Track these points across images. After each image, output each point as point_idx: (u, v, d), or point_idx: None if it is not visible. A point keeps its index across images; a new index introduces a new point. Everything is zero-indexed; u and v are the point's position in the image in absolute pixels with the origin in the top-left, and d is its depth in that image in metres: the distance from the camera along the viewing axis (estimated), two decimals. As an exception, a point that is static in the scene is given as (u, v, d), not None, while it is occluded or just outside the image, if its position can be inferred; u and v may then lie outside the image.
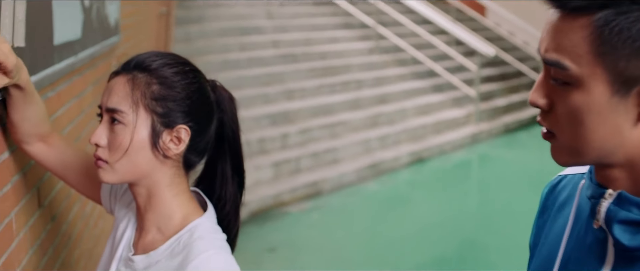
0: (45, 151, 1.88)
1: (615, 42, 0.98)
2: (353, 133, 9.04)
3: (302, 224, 6.91)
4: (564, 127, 1.06)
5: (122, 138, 1.63)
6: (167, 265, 1.65)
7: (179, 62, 1.70)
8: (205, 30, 9.92)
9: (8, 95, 1.70)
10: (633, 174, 1.06)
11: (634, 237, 1.04)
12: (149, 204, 1.72)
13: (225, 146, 1.79)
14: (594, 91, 1.01)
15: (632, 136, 1.03)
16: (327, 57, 10.70)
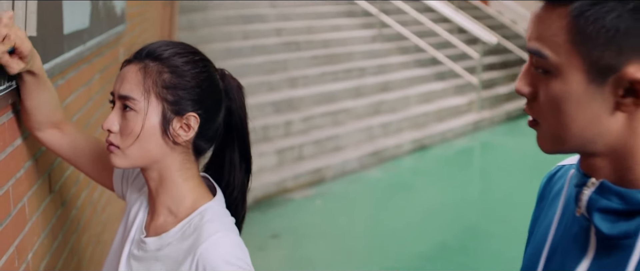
0: (57, 137, 1.93)
1: (590, 31, 1.01)
2: (356, 121, 9.08)
3: (305, 211, 6.97)
4: (547, 115, 1.09)
5: (133, 124, 1.68)
6: (178, 246, 1.70)
7: (189, 51, 1.75)
8: (208, 19, 9.96)
9: (22, 82, 1.75)
10: (615, 164, 1.08)
11: (613, 225, 1.06)
12: (160, 188, 1.77)
13: (233, 134, 1.84)
14: (571, 80, 1.04)
15: (610, 124, 1.05)
16: (330, 45, 10.73)
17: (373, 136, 8.96)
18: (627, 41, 1.00)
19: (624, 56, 1.01)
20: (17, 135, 1.84)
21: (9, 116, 1.77)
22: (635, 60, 1.00)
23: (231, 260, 1.64)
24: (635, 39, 1.00)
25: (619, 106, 1.04)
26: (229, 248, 1.66)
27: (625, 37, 1.00)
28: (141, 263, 1.77)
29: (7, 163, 1.73)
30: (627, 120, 1.04)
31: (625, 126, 1.05)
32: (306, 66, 9.92)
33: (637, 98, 1.02)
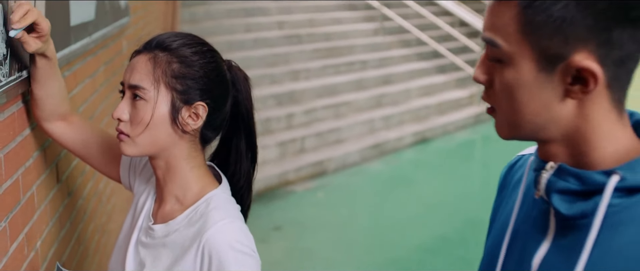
0: (65, 129, 1.96)
1: (538, 21, 1.05)
2: (357, 113, 9.11)
3: (307, 203, 7.01)
4: (502, 103, 1.13)
5: (143, 113, 1.71)
6: (185, 232, 1.74)
7: (198, 42, 1.79)
8: (210, 12, 9.98)
9: (35, 67, 1.78)
10: (570, 149, 1.11)
11: (571, 206, 1.09)
12: (168, 176, 1.80)
13: (240, 124, 1.88)
14: (522, 68, 1.08)
15: (562, 111, 1.08)
16: (331, 38, 10.76)
17: (374, 129, 8.99)
18: (573, 30, 1.03)
19: (571, 44, 1.04)
20: (26, 125, 1.87)
21: (18, 106, 1.80)
22: (582, 48, 1.04)
23: (236, 245, 1.68)
24: (580, 28, 1.03)
25: (568, 93, 1.07)
26: (234, 234, 1.69)
27: (571, 26, 1.03)
28: (149, 250, 1.80)
29: (17, 151, 1.76)
30: (578, 106, 1.08)
31: (576, 112, 1.08)
32: (308, 58, 9.95)
33: (584, 85, 1.05)
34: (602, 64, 1.04)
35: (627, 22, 1.03)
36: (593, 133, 1.09)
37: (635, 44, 1.05)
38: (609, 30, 1.03)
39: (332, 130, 8.48)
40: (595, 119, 1.08)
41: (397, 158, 8.57)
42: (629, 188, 1.05)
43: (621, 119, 1.10)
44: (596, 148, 1.09)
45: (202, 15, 9.70)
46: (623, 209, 1.05)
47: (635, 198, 1.05)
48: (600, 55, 1.04)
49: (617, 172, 1.06)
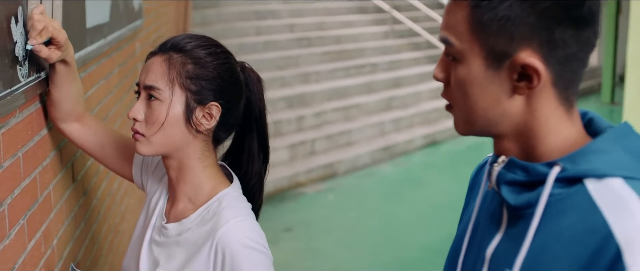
0: (80, 130, 2.00)
1: (486, 20, 1.09)
2: (367, 116, 9.14)
3: (317, 204, 7.04)
4: (457, 99, 1.18)
5: (158, 113, 1.75)
6: (198, 231, 1.78)
7: (211, 44, 1.82)
8: (222, 14, 10.03)
9: (54, 71, 1.82)
10: (520, 143, 1.16)
11: (518, 196, 1.14)
12: (180, 176, 1.84)
13: (252, 124, 1.91)
14: (473, 65, 1.13)
15: (511, 107, 1.13)
16: (342, 41, 10.79)
17: (384, 132, 9.02)
18: (517, 29, 1.08)
19: (515, 42, 1.09)
20: (43, 125, 1.91)
21: (36, 106, 1.84)
22: (526, 47, 1.09)
23: (249, 243, 1.71)
24: (524, 27, 1.08)
25: (515, 89, 1.12)
26: (246, 232, 1.73)
27: (515, 25, 1.08)
28: (162, 248, 1.84)
29: (35, 151, 1.80)
30: (526, 102, 1.12)
31: (525, 107, 1.13)
32: (318, 61, 9.99)
33: (529, 82, 1.10)
34: (546, 62, 1.09)
35: (569, 22, 1.08)
36: (540, 128, 1.14)
37: (579, 44, 1.10)
38: (551, 30, 1.08)
39: (342, 132, 8.51)
40: (542, 115, 1.13)
41: (407, 161, 8.59)
42: (569, 178, 1.10)
43: (570, 115, 1.15)
44: (544, 142, 1.14)
45: (213, 17, 9.75)
46: (563, 198, 1.10)
47: (575, 187, 1.09)
48: (544, 53, 1.09)
49: (558, 163, 1.11)
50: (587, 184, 1.09)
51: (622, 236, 1.02)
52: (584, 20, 1.09)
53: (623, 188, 1.07)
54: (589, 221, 1.06)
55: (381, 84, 10.02)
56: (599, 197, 1.07)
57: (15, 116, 1.65)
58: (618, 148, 1.12)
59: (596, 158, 1.10)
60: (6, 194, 1.57)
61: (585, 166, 1.10)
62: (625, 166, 1.10)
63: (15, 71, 1.57)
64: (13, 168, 1.62)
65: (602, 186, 1.08)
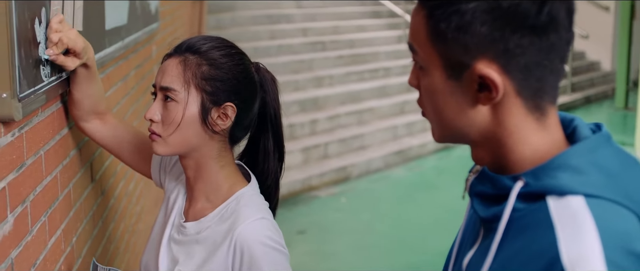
0: (101, 128, 2.04)
1: (441, 29, 1.06)
2: (380, 120, 9.16)
3: (330, 208, 7.06)
4: (426, 107, 1.15)
5: (174, 113, 1.78)
6: (216, 229, 1.81)
7: (226, 45, 1.85)
8: (236, 18, 10.08)
9: (74, 73, 1.86)
10: (490, 153, 1.12)
11: (487, 209, 1.11)
12: (198, 175, 1.87)
13: (268, 124, 1.94)
14: (434, 75, 1.10)
15: (476, 116, 1.09)
16: (355, 45, 10.81)
17: (397, 136, 9.03)
18: (471, 39, 1.04)
19: (471, 53, 1.05)
20: (64, 124, 1.95)
21: (58, 106, 1.88)
22: (481, 57, 1.04)
23: (266, 241, 1.75)
24: (476, 37, 1.03)
25: (478, 100, 1.07)
26: (264, 231, 1.76)
27: (468, 35, 1.04)
28: (181, 247, 1.87)
29: (56, 149, 1.84)
30: (492, 112, 1.08)
31: (491, 117, 1.08)
32: (332, 65, 10.01)
33: (490, 92, 1.05)
34: (506, 72, 1.05)
35: (526, 30, 1.03)
36: (509, 138, 1.09)
37: (542, 52, 1.05)
38: (505, 39, 1.03)
39: (355, 136, 8.53)
40: (510, 125, 1.08)
41: (420, 165, 8.60)
42: (531, 194, 1.06)
43: (542, 124, 1.09)
44: (513, 152, 1.10)
45: (228, 22, 9.80)
46: (525, 215, 1.05)
47: (537, 204, 1.04)
48: (502, 63, 1.04)
49: (521, 178, 1.07)
50: (549, 202, 1.03)
51: (567, 258, 0.96)
52: (543, 27, 1.03)
53: (581, 207, 1.01)
54: (540, 243, 1.01)
55: (394, 88, 10.03)
56: (557, 216, 1.01)
57: (38, 114, 1.68)
58: (585, 162, 1.06)
59: (559, 174, 1.04)
60: (29, 191, 1.61)
61: (547, 182, 1.05)
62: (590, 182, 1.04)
63: (38, 70, 1.60)
64: (35, 166, 1.66)
65: (562, 204, 1.02)
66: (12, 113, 1.42)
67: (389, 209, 7.14)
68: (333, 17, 11.43)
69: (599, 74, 13.72)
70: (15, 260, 1.50)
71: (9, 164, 1.48)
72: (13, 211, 1.50)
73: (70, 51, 1.73)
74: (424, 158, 8.82)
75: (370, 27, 11.64)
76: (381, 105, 9.41)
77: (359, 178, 7.93)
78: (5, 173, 1.45)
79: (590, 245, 0.97)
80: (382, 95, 9.76)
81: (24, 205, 1.57)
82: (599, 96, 12.97)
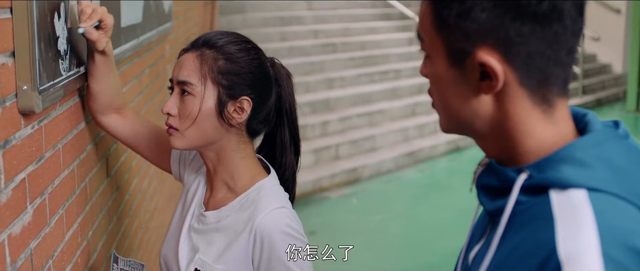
0: (119, 122, 2.06)
1: (444, 16, 1.06)
2: (391, 122, 9.17)
3: (341, 209, 7.07)
4: (433, 97, 1.15)
5: (191, 107, 1.81)
6: (237, 217, 1.84)
7: (242, 40, 1.88)
8: (247, 20, 10.11)
9: (93, 63, 1.89)
10: (497, 144, 1.11)
11: (492, 202, 1.10)
12: (219, 166, 1.90)
13: (284, 118, 1.96)
14: (437, 63, 1.10)
15: (480, 106, 1.08)
16: (366, 47, 10.82)
17: (408, 137, 9.04)
18: (471, 26, 1.03)
19: (472, 40, 1.04)
20: (81, 119, 1.97)
21: (75, 100, 1.90)
22: (482, 44, 1.04)
23: (286, 230, 1.78)
24: (477, 24, 1.03)
25: (480, 89, 1.06)
26: (285, 220, 1.80)
27: (468, 21, 1.03)
28: (201, 235, 1.90)
29: (73, 143, 1.86)
30: (496, 102, 1.07)
31: (496, 108, 1.07)
32: (343, 67, 10.03)
33: (491, 81, 1.04)
34: (508, 61, 1.04)
35: (527, 18, 1.02)
36: (515, 130, 1.08)
37: (544, 42, 1.03)
38: (505, 27, 1.02)
39: (366, 138, 8.54)
40: (515, 116, 1.07)
41: (431, 166, 8.61)
42: (534, 187, 1.04)
43: (549, 117, 1.08)
44: (519, 144, 1.08)
45: (239, 23, 9.82)
46: (528, 208, 1.04)
47: (540, 197, 1.03)
48: (503, 52, 1.03)
49: (525, 170, 1.06)
50: (551, 195, 1.02)
51: (564, 252, 0.95)
52: (545, 15, 1.02)
53: (582, 201, 0.99)
54: (539, 236, 0.99)
55: (405, 90, 10.05)
56: (558, 210, 1.00)
57: (56, 108, 1.71)
58: (591, 155, 1.04)
59: (563, 167, 1.03)
60: (47, 184, 1.63)
61: (550, 175, 1.03)
62: (594, 176, 1.02)
63: (57, 64, 1.63)
64: (54, 159, 1.68)
65: (564, 198, 1.01)
66: (33, 105, 1.44)
67: (399, 211, 7.15)
68: (344, 19, 11.45)
69: (610, 77, 13.71)
70: (34, 250, 1.52)
71: (29, 156, 1.50)
72: (32, 202, 1.52)
73: (101, 26, 1.78)
74: (435, 160, 8.82)
75: (381, 29, 11.65)
76: (392, 107, 9.42)
77: (370, 179, 7.94)
78: (25, 165, 1.47)
79: (587, 240, 0.95)
80: (393, 97, 9.77)
81: (43, 197, 1.59)
82: (610, 98, 12.96)
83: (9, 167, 1.37)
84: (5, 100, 1.37)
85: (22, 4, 1.41)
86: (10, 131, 1.39)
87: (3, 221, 1.34)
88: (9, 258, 1.37)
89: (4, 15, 1.38)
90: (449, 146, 9.17)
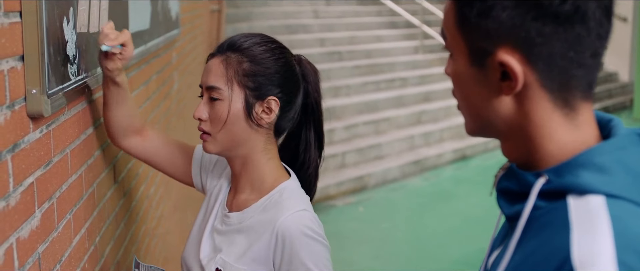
0: (139, 143, 2.10)
1: (466, 14, 1.04)
2: (397, 130, 9.17)
3: (347, 216, 7.07)
4: (456, 97, 1.14)
5: (220, 111, 1.84)
6: (259, 218, 1.86)
7: (267, 41, 1.90)
8: (253, 28, 10.10)
9: (107, 90, 1.95)
10: (518, 147, 1.09)
11: (511, 206, 1.09)
12: (244, 168, 1.92)
13: (309, 114, 1.98)
14: (459, 62, 1.09)
15: (501, 107, 1.06)
16: (372, 56, 10.84)
17: (414, 146, 9.03)
18: (493, 24, 1.02)
19: (493, 39, 1.02)
20: (89, 124, 1.97)
21: (83, 105, 1.91)
22: (503, 43, 1.02)
23: (308, 232, 1.79)
24: (499, 22, 1.01)
25: (501, 90, 1.04)
26: (306, 222, 1.81)
27: (489, 20, 1.02)
28: (224, 236, 1.92)
29: (81, 148, 1.86)
30: (517, 104, 1.05)
31: (516, 109, 1.06)
32: (349, 75, 10.03)
33: (512, 82, 1.03)
34: (530, 62, 1.02)
35: (548, 18, 1.00)
36: (535, 133, 1.06)
37: (566, 43, 1.01)
38: (526, 26, 1.00)
39: (372, 146, 8.54)
40: (536, 119, 1.05)
41: (437, 174, 8.60)
42: (553, 191, 1.03)
43: (571, 121, 1.05)
44: (539, 148, 1.06)
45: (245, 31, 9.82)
46: (546, 213, 1.03)
47: (558, 203, 1.02)
48: (524, 52, 1.02)
49: (544, 174, 1.04)
50: (569, 200, 1.00)
51: (578, 258, 0.93)
52: (567, 16, 0.99)
53: (600, 207, 0.97)
54: (555, 242, 0.98)
55: (411, 99, 10.05)
56: (574, 215, 0.98)
57: (64, 113, 1.71)
58: (611, 160, 1.02)
59: (582, 172, 1.01)
60: (55, 188, 1.63)
61: (568, 180, 1.01)
62: (613, 182, 1.00)
63: (66, 69, 1.63)
64: (62, 164, 1.69)
65: (582, 203, 0.99)
66: (42, 109, 1.44)
67: (406, 219, 7.15)
68: (350, 28, 11.47)
69: (616, 85, 13.69)
70: (42, 254, 1.52)
71: (37, 161, 1.50)
72: (41, 206, 1.52)
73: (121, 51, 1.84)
74: (441, 168, 8.81)
75: (387, 37, 11.67)
76: (398, 115, 9.42)
77: (376, 187, 7.94)
78: (33, 169, 1.47)
79: (602, 246, 0.93)
80: (399, 105, 9.77)
81: (51, 201, 1.60)
82: (616, 107, 12.94)
83: (17, 171, 1.38)
84: (14, 104, 1.38)
85: (31, 9, 1.41)
86: (19, 134, 1.40)
87: (12, 225, 1.34)
88: (17, 262, 1.37)
89: (14, 20, 1.39)
90: (455, 155, 9.16)
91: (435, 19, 11.87)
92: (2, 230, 1.30)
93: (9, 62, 1.36)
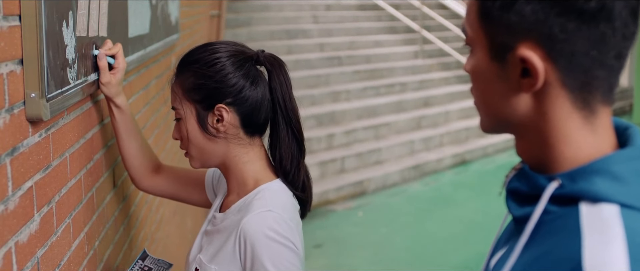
0: (158, 182, 2.22)
1: (489, 9, 1.03)
2: (397, 135, 9.17)
3: (347, 221, 7.06)
4: (474, 93, 1.13)
5: (182, 130, 1.92)
6: (233, 218, 1.87)
7: (206, 49, 1.91)
8: (253, 33, 10.13)
9: (113, 120, 2.06)
10: (532, 147, 1.07)
11: (519, 208, 1.07)
12: (228, 173, 1.95)
13: (276, 108, 1.92)
14: (479, 56, 1.07)
15: (518, 104, 1.04)
16: (372, 61, 10.84)
17: (414, 151, 9.03)
18: (515, 19, 1.00)
19: (514, 34, 1.01)
20: (89, 128, 1.97)
21: (82, 109, 1.90)
22: (525, 39, 1.00)
23: (270, 233, 1.76)
24: (521, 17, 1.00)
25: (521, 86, 1.03)
26: (270, 223, 1.77)
27: (512, 14, 1.00)
28: (209, 237, 1.94)
29: (80, 152, 1.86)
30: (535, 102, 1.04)
31: (533, 107, 1.04)
32: (348, 80, 10.04)
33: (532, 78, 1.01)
34: (552, 59, 1.00)
35: (572, 15, 0.98)
36: (551, 134, 1.04)
37: (588, 42, 0.99)
38: (549, 22, 0.98)
39: (372, 151, 8.54)
40: (554, 119, 1.03)
41: (437, 179, 8.59)
42: (565, 197, 1.01)
43: (589, 124, 1.03)
44: (554, 150, 1.04)
45: (245, 37, 9.84)
46: (556, 218, 1.01)
47: (569, 208, 1.00)
48: (547, 49, 0.99)
49: (557, 178, 1.02)
50: (581, 207, 0.98)
51: (590, 266, 0.91)
52: (592, 14, 0.97)
53: (613, 216, 0.96)
54: (564, 250, 0.96)
55: (411, 104, 10.05)
56: (586, 223, 0.96)
57: (64, 117, 1.71)
58: (628, 169, 1.00)
59: (596, 179, 0.99)
60: (54, 192, 1.63)
61: (582, 186, 0.99)
62: (628, 192, 0.98)
63: (65, 72, 1.63)
64: (61, 168, 1.68)
65: (595, 211, 0.97)
66: (41, 113, 1.44)
67: (405, 224, 7.14)
68: (350, 33, 11.48)
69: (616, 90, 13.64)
70: (41, 259, 1.52)
71: (36, 164, 1.50)
72: (40, 210, 1.51)
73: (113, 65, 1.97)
74: (441, 173, 8.81)
75: (387, 42, 11.67)
76: (398, 120, 9.42)
77: (376, 192, 7.93)
78: (32, 173, 1.47)
79: (615, 256, 0.92)
80: (399, 110, 9.78)
81: (50, 206, 1.59)
82: (616, 111, 12.93)
83: (16, 174, 1.37)
84: (13, 107, 1.37)
85: (31, 12, 1.41)
86: (18, 138, 1.39)
87: (10, 229, 1.34)
88: (16, 266, 1.37)
89: (13, 23, 1.38)
90: (455, 160, 9.16)
91: (434, 24, 11.89)
92: (1, 234, 1.30)
93: (8, 65, 1.35)
